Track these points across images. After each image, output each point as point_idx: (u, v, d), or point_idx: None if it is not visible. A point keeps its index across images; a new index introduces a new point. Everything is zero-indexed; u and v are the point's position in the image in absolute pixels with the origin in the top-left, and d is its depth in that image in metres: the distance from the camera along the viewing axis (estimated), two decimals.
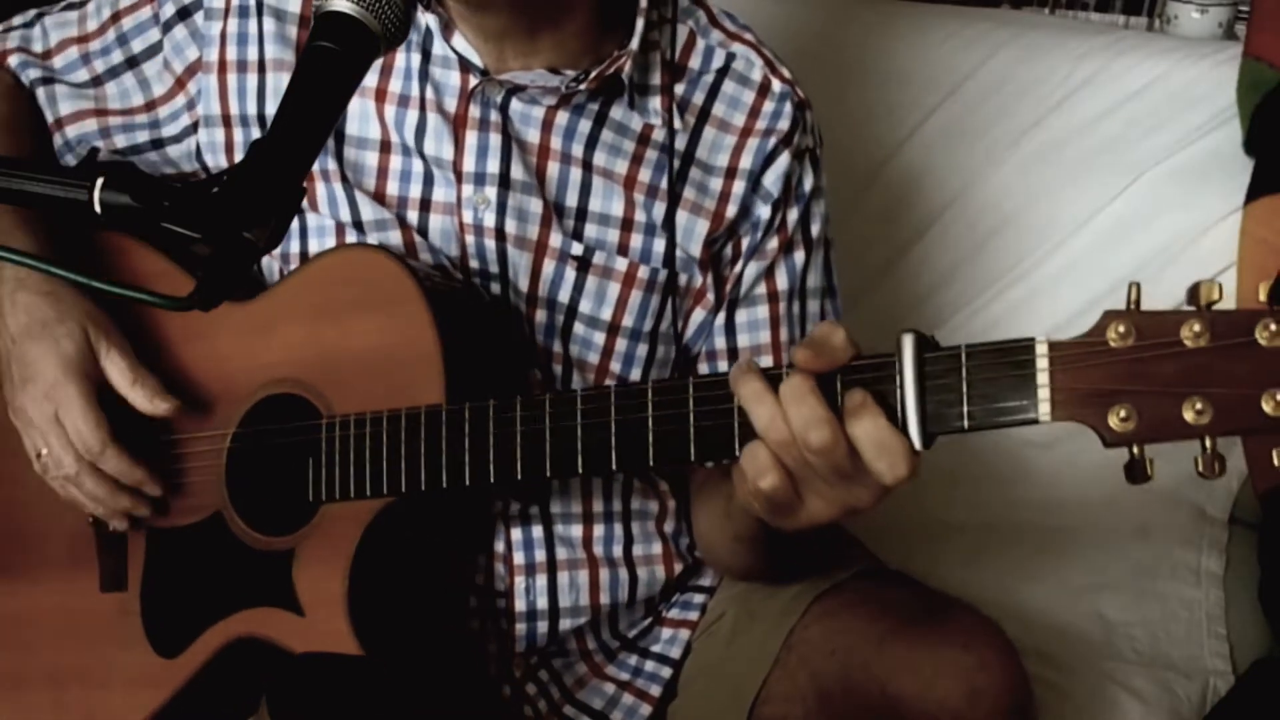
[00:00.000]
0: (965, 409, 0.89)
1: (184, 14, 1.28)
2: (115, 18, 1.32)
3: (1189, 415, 0.83)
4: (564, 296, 1.24)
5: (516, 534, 1.26)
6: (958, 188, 1.87)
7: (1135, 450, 0.86)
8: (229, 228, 0.84)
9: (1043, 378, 0.87)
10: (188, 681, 1.21)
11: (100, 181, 0.84)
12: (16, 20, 1.39)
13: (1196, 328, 0.83)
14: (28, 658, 1.29)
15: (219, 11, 1.26)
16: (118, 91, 1.32)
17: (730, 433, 0.97)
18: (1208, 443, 0.84)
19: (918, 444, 0.90)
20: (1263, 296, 0.82)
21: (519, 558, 1.26)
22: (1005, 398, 0.88)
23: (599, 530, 1.29)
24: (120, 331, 1.22)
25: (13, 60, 1.35)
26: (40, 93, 1.34)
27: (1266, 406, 0.82)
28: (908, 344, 0.90)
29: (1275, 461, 0.84)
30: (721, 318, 1.29)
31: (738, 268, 1.29)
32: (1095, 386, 0.85)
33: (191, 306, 0.83)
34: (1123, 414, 0.84)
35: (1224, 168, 1.72)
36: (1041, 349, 0.87)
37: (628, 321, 1.25)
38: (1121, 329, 0.85)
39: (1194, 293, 0.84)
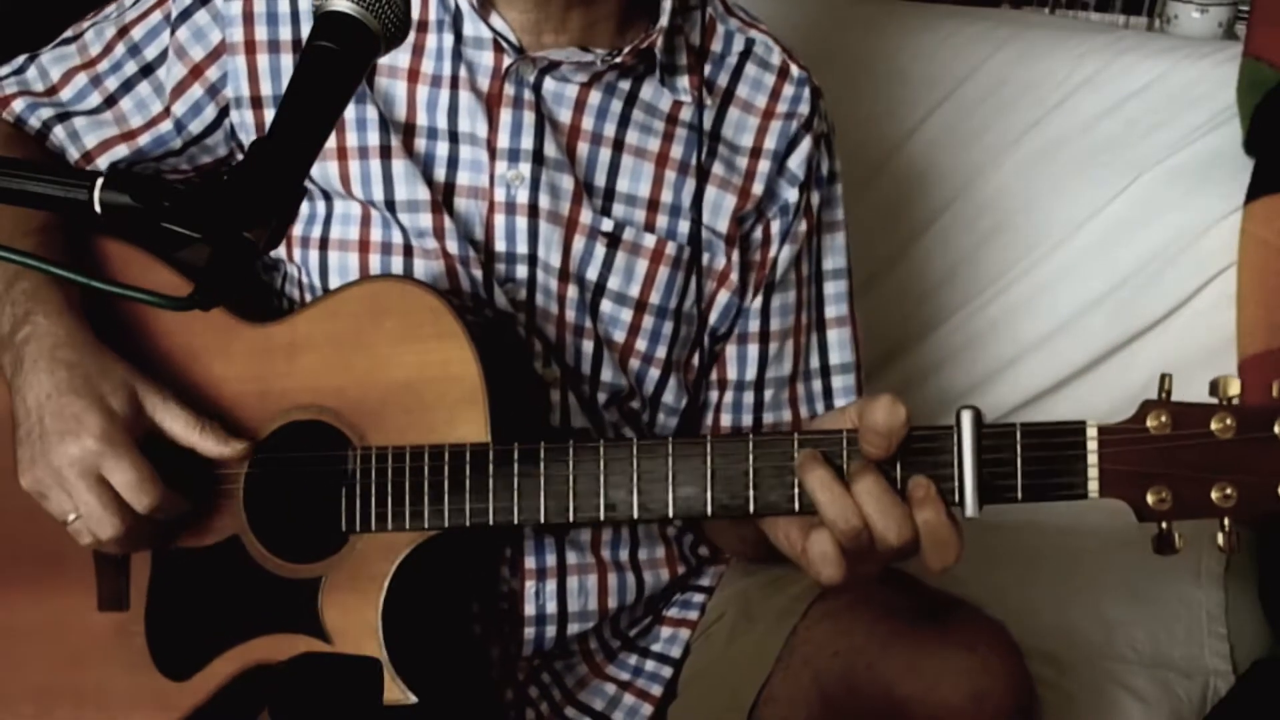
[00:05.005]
0: (1020, 482, 1.01)
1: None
2: (123, 32, 1.33)
3: (1216, 497, 0.97)
4: (593, 273, 1.30)
5: (528, 539, 1.27)
6: (957, 187, 1.92)
7: (1165, 526, 0.99)
8: (229, 228, 0.84)
9: (1092, 458, 0.99)
10: (200, 706, 1.21)
11: (100, 181, 0.84)
12: (4, 69, 1.38)
13: (1228, 421, 0.96)
14: (14, 674, 1.28)
15: None
16: (134, 105, 1.33)
17: (790, 492, 1.06)
18: (1227, 521, 0.97)
19: (971, 511, 1.02)
20: (1276, 393, 0.95)
21: (530, 562, 1.31)
22: (1057, 474, 1.00)
23: (607, 534, 1.34)
24: (166, 385, 1.19)
25: (17, 105, 1.35)
26: (58, 130, 1.34)
27: None
28: (967, 419, 1.01)
29: None
30: (758, 302, 1.36)
31: (772, 251, 1.35)
32: (1136, 469, 0.98)
33: (191, 306, 0.83)
34: (1162, 494, 0.98)
35: (1224, 168, 1.78)
36: (1091, 432, 0.99)
37: (654, 299, 1.31)
38: (1163, 418, 0.97)
39: (1215, 387, 0.97)
